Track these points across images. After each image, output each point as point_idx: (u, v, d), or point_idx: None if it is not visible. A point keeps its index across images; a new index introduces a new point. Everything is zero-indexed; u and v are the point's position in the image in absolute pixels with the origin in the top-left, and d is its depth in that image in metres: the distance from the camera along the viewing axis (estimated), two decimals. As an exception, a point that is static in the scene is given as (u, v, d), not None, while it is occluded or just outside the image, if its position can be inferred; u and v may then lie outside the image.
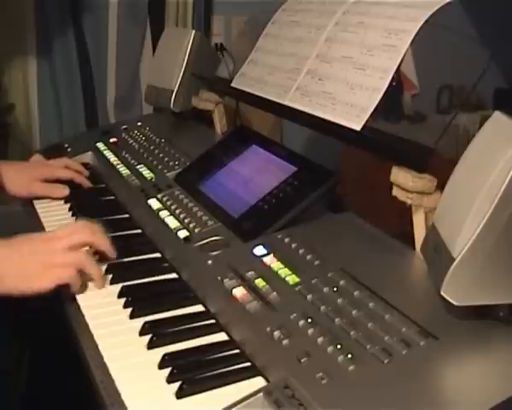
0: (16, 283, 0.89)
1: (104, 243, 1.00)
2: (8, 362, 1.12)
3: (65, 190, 1.32)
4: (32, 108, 1.93)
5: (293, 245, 0.97)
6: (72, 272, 0.92)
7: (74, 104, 1.99)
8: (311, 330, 0.76)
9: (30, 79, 1.91)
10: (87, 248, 0.99)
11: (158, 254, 1.07)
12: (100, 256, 1.01)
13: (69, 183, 1.35)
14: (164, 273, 1.00)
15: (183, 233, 1.06)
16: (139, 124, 1.70)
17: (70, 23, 1.94)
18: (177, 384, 0.73)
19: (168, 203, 1.19)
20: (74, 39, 1.95)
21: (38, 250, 0.93)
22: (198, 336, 0.83)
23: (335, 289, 0.84)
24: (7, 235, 1.02)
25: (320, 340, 0.74)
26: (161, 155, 1.45)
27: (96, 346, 0.82)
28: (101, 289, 0.95)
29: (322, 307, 0.80)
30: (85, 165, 1.52)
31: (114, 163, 1.46)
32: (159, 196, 1.23)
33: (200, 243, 1.03)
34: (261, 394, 0.68)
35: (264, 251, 0.96)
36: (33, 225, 1.24)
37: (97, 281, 0.95)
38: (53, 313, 1.00)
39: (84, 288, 0.96)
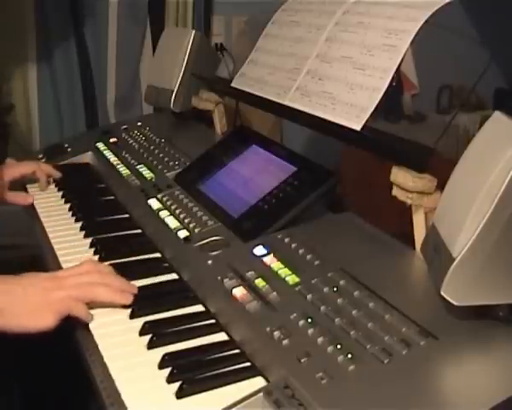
0: (18, 319, 0.85)
1: (118, 283, 0.92)
2: (5, 364, 1.12)
3: (26, 199, 1.31)
4: (32, 109, 1.93)
5: (293, 245, 0.97)
6: (77, 303, 0.87)
7: (74, 104, 1.99)
8: (311, 330, 0.76)
9: (30, 79, 1.90)
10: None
11: (158, 254, 1.07)
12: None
13: (73, 184, 1.36)
14: (164, 273, 1.00)
15: (183, 233, 1.06)
16: (139, 124, 1.70)
17: (70, 23, 1.94)
18: (177, 384, 0.73)
19: (168, 203, 1.19)
20: (74, 39, 1.95)
21: (42, 286, 0.88)
22: (198, 336, 0.83)
23: (335, 289, 0.84)
24: (7, 235, 1.02)
25: (320, 340, 0.74)
26: (161, 155, 1.45)
27: (96, 346, 0.82)
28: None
29: (322, 307, 0.80)
30: (85, 165, 1.53)
31: (114, 163, 1.46)
32: (159, 196, 1.23)
33: (200, 243, 1.03)
34: (261, 394, 0.68)
35: (264, 251, 0.96)
36: (33, 225, 1.24)
37: (113, 302, 0.90)
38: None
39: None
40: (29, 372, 1.20)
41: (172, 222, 1.11)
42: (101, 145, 1.58)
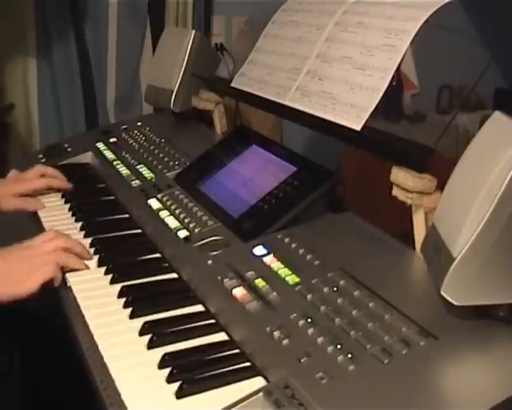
0: (4, 290, 0.93)
1: (79, 248, 1.04)
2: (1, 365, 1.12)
3: (38, 204, 1.28)
4: (32, 108, 1.93)
5: (293, 245, 0.97)
6: (54, 268, 0.97)
7: (74, 104, 1.99)
8: (311, 330, 0.76)
9: (30, 78, 1.90)
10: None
11: (158, 254, 1.07)
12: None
13: (73, 184, 1.36)
14: (164, 273, 1.00)
15: (183, 233, 1.07)
16: (139, 124, 1.70)
17: (70, 23, 1.94)
18: (177, 384, 0.73)
19: (168, 203, 1.19)
20: (74, 39, 1.95)
21: (20, 256, 0.98)
22: (198, 336, 0.83)
23: (335, 289, 0.84)
24: (8, 234, 1.03)
25: (320, 340, 0.74)
26: (161, 155, 1.45)
27: (96, 346, 0.82)
28: (102, 291, 0.95)
29: (322, 307, 0.80)
30: (85, 165, 1.53)
31: (114, 163, 1.46)
32: (159, 196, 1.23)
33: (200, 242, 1.03)
34: (261, 394, 0.68)
35: (264, 251, 0.96)
36: (33, 225, 1.24)
37: (85, 258, 1.03)
38: (53, 314, 1.00)
39: (83, 288, 0.96)
40: (29, 373, 1.20)
41: (172, 222, 1.11)
42: (101, 145, 1.58)
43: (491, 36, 2.29)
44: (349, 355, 0.71)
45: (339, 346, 0.73)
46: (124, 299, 0.92)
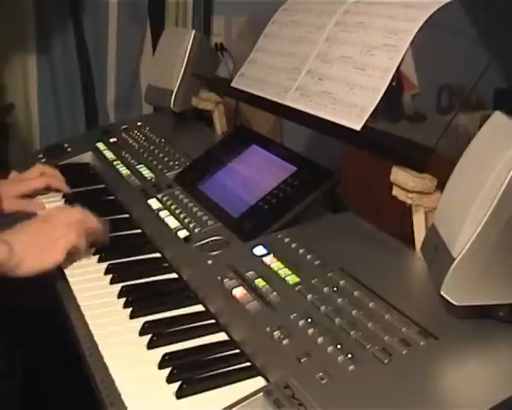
0: (33, 263, 0.95)
1: (94, 220, 1.07)
2: (2, 365, 1.12)
3: (39, 205, 1.28)
4: (32, 108, 1.92)
5: (293, 245, 0.97)
6: (76, 235, 1.00)
7: (74, 104, 1.99)
8: (311, 330, 0.76)
9: (30, 78, 1.90)
10: None
11: (158, 254, 1.07)
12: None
13: (73, 184, 1.35)
14: (164, 273, 1.00)
15: (183, 233, 1.07)
16: (139, 124, 1.70)
17: (70, 23, 1.93)
18: (176, 384, 0.73)
19: (168, 203, 1.19)
20: (74, 39, 1.95)
21: (42, 229, 1.00)
22: (198, 336, 0.83)
23: (335, 289, 0.84)
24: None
25: (320, 340, 0.74)
26: (161, 155, 1.45)
27: (96, 346, 0.82)
28: (102, 291, 0.96)
29: (322, 307, 0.80)
30: (85, 165, 1.53)
31: (114, 163, 1.46)
32: (159, 196, 1.23)
33: (200, 243, 1.03)
34: (261, 394, 0.68)
35: (264, 251, 0.96)
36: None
37: (101, 232, 1.06)
38: (53, 314, 1.00)
39: (83, 288, 0.96)
40: (28, 373, 1.20)
41: (172, 222, 1.11)
42: (101, 145, 1.58)
43: (490, 36, 2.29)
44: (349, 355, 0.71)
45: (339, 346, 0.73)
46: (124, 299, 0.92)
